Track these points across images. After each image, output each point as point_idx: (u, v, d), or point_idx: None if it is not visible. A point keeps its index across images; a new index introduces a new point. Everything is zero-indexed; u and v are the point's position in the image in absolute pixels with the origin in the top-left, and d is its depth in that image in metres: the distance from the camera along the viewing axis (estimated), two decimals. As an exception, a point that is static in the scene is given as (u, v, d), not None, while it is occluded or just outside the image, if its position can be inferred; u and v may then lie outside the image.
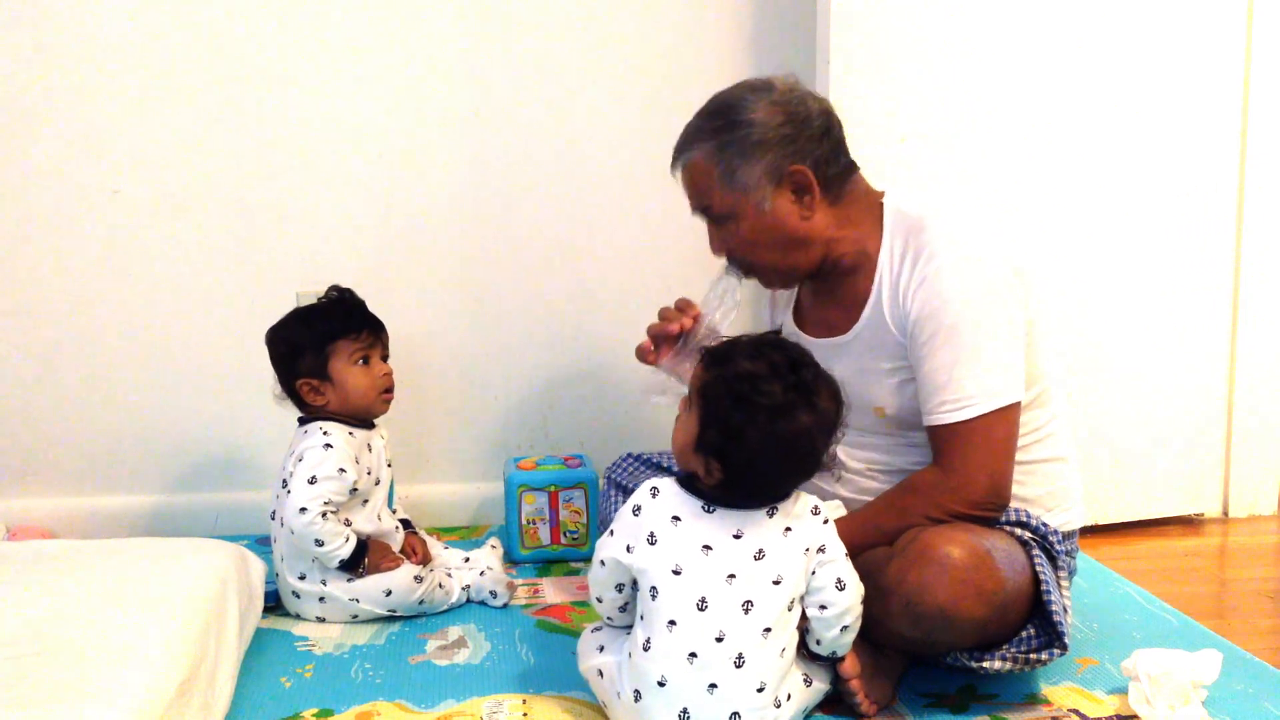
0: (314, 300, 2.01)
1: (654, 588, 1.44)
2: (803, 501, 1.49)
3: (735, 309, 1.81)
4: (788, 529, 1.45)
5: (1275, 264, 2.50)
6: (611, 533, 1.51)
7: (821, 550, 1.46)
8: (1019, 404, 1.63)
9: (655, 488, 1.50)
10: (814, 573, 1.46)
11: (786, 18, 2.43)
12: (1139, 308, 2.44)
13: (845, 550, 1.49)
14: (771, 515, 1.46)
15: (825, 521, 1.48)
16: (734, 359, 1.45)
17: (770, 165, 1.65)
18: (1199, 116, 2.42)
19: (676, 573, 1.44)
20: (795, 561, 1.44)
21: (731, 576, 1.43)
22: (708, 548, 1.44)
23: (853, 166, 1.73)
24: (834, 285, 1.75)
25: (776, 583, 1.43)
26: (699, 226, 2.50)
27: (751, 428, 1.41)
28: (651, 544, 1.46)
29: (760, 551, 1.43)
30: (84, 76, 2.32)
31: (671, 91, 2.45)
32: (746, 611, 1.42)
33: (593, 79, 2.44)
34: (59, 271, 2.37)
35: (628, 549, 1.47)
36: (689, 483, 1.49)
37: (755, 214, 1.68)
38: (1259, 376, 2.53)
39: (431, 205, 2.44)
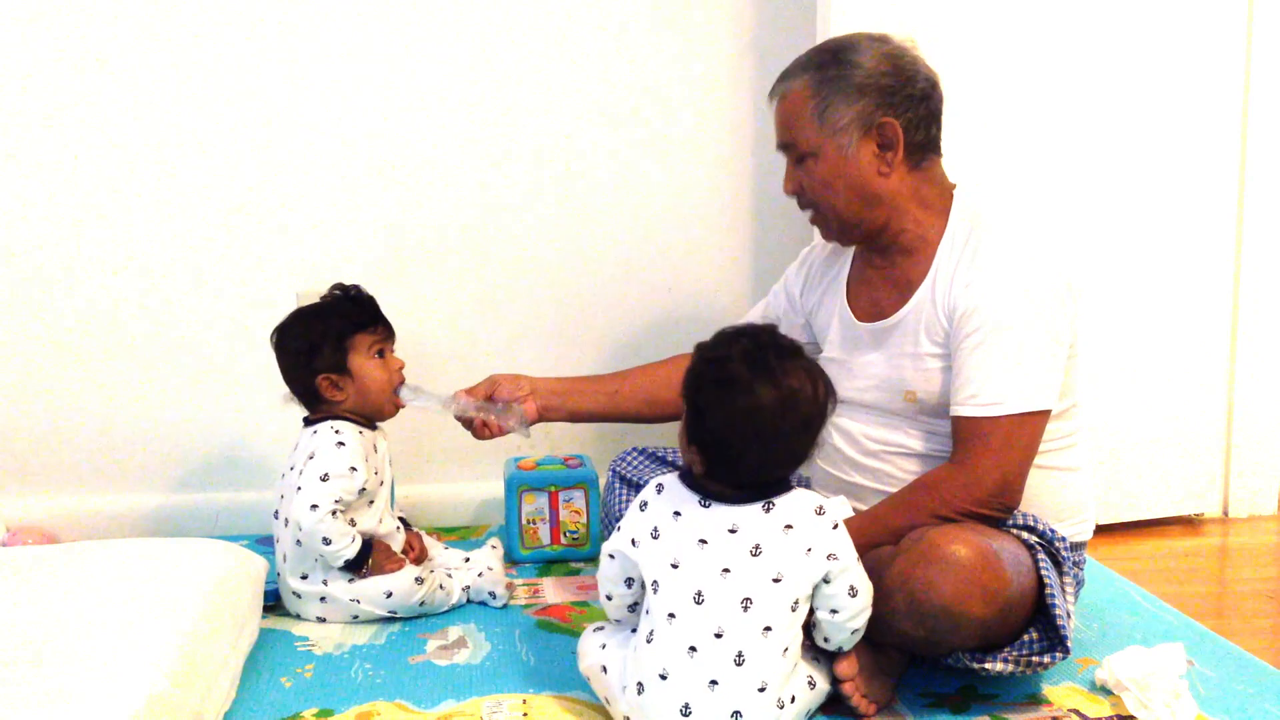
0: (315, 300, 2.01)
1: (655, 581, 1.46)
2: (804, 500, 1.48)
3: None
4: (788, 526, 1.45)
5: (1275, 264, 2.50)
6: (619, 528, 1.52)
7: (833, 558, 1.45)
8: (1047, 413, 1.64)
9: (661, 484, 1.52)
10: (827, 580, 1.45)
11: (786, 19, 2.43)
12: (1139, 308, 2.44)
13: (856, 555, 1.48)
14: (768, 510, 1.45)
15: (835, 526, 1.47)
16: (705, 347, 1.49)
17: (863, 111, 1.67)
18: (1199, 116, 2.42)
19: (675, 566, 1.45)
20: (796, 560, 1.44)
21: (726, 571, 1.43)
22: (703, 541, 1.45)
23: (938, 147, 1.75)
24: (889, 265, 1.77)
25: (776, 580, 1.43)
26: (700, 227, 2.53)
27: (715, 406, 1.44)
28: (654, 538, 1.47)
29: (757, 547, 1.43)
30: (86, 76, 2.32)
31: (672, 91, 2.46)
32: (745, 609, 1.42)
33: (594, 79, 2.44)
34: (59, 271, 2.37)
35: (633, 543, 1.49)
36: (689, 478, 1.50)
37: (836, 157, 1.69)
38: (1259, 376, 2.53)
39: (432, 205, 2.44)
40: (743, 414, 1.42)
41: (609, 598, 1.55)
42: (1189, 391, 2.50)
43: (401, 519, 2.08)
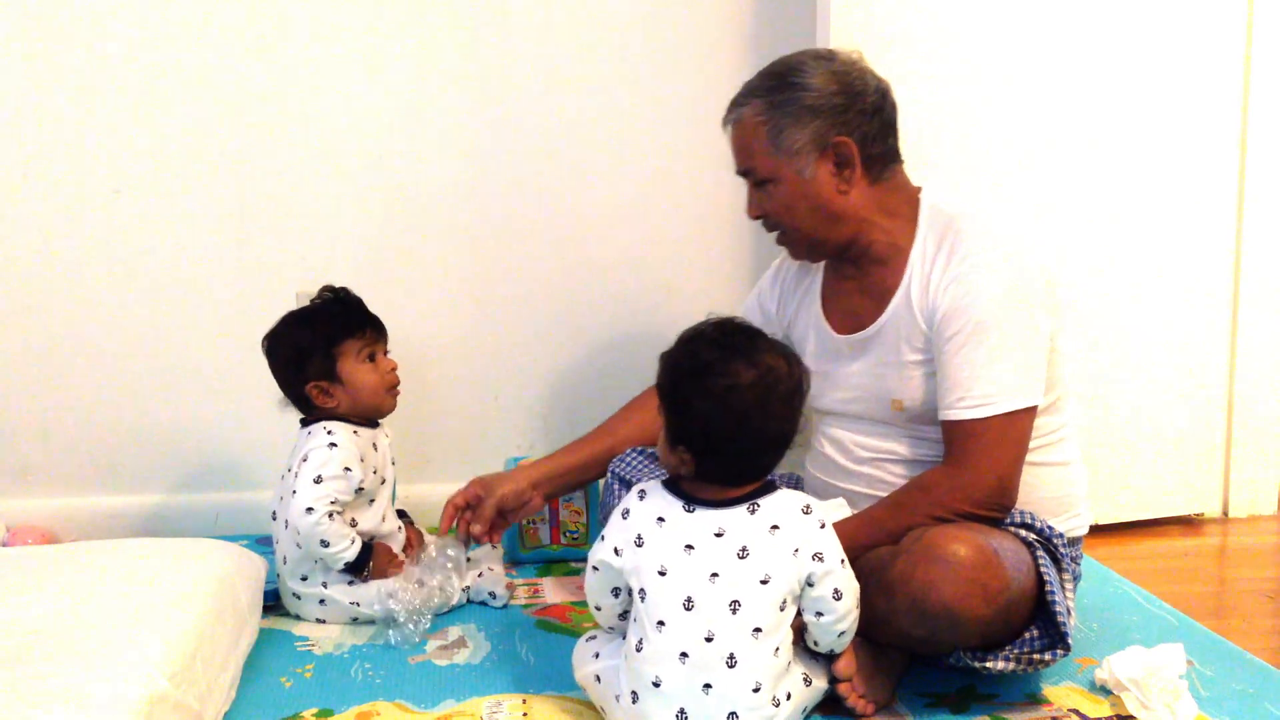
0: (311, 301, 2.01)
1: (642, 589, 1.45)
2: (790, 500, 1.48)
3: (453, 576, 1.92)
4: (774, 526, 1.44)
5: (1275, 264, 2.50)
6: (603, 537, 1.52)
7: (818, 559, 1.44)
8: (1035, 408, 1.63)
9: (643, 490, 1.51)
10: (811, 584, 1.45)
11: (786, 17, 2.43)
12: (1139, 308, 2.44)
13: (843, 555, 1.48)
14: (754, 512, 1.45)
15: (822, 526, 1.47)
16: (671, 350, 1.49)
17: (816, 132, 1.67)
18: (1198, 116, 2.42)
19: (662, 573, 1.44)
20: (783, 561, 1.43)
21: (715, 575, 1.42)
22: (690, 547, 1.44)
23: (897, 155, 1.75)
24: (862, 275, 1.77)
25: (764, 582, 1.42)
26: (698, 226, 2.53)
27: (695, 396, 1.44)
28: (639, 546, 1.47)
29: (744, 549, 1.43)
30: (84, 76, 2.32)
31: (671, 91, 2.46)
32: (734, 611, 1.41)
33: (593, 78, 2.44)
34: (59, 271, 2.37)
35: (616, 551, 1.48)
36: (673, 484, 1.50)
37: (795, 180, 1.69)
38: (1259, 376, 2.53)
39: (432, 205, 2.44)
40: (724, 395, 1.42)
41: (598, 608, 1.55)
42: (1189, 392, 2.50)
43: (401, 512, 2.08)
